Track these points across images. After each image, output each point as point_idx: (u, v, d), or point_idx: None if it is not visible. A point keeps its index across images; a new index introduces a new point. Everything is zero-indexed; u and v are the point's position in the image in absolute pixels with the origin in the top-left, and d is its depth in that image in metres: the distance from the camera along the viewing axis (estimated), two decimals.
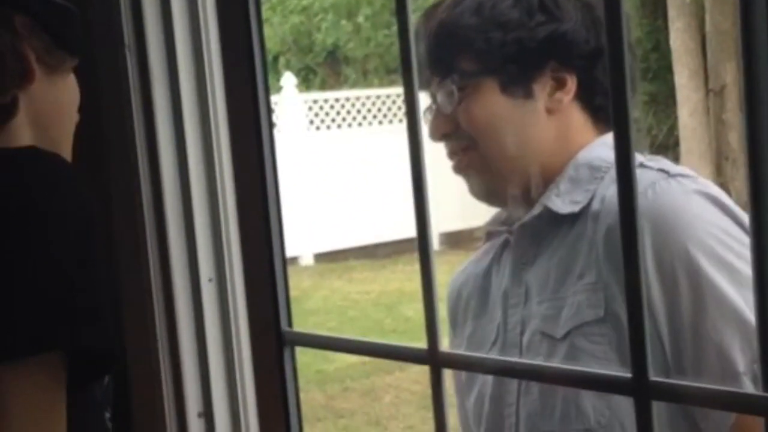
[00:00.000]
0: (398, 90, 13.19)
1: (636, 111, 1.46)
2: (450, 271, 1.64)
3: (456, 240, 10.44)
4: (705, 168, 8.91)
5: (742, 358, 1.27)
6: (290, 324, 1.47)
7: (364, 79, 13.38)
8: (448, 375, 1.29)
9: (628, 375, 1.06)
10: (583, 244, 1.34)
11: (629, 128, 0.93)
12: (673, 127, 10.56)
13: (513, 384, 1.39)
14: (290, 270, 1.55)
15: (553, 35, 1.36)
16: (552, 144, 1.38)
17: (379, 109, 12.01)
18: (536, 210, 1.38)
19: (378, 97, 12.07)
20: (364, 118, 11.75)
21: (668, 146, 9.96)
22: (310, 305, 8.56)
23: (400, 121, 12.52)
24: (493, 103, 1.32)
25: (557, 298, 1.34)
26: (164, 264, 1.62)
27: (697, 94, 10.34)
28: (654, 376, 1.06)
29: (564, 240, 1.37)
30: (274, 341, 1.49)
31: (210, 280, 1.53)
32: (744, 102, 0.81)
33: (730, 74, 9.84)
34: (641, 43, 9.82)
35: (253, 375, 1.56)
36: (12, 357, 1.07)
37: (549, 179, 1.38)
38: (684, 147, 9.88)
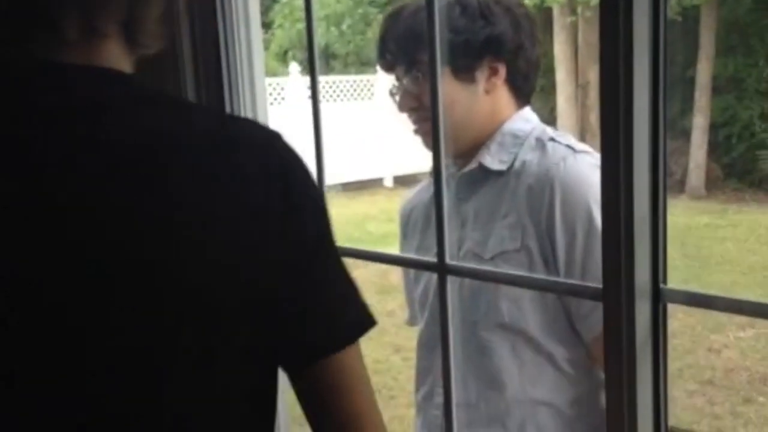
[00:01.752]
0: (368, 77, 13.12)
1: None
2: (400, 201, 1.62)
3: (405, 180, 10.43)
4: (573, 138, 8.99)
5: None
6: None
7: (345, 69, 13.47)
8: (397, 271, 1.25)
9: (435, 260, 1.09)
10: (507, 193, 1.32)
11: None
12: (553, 109, 10.77)
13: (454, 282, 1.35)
14: None
15: (489, 36, 1.33)
16: (486, 116, 1.37)
17: (355, 89, 12.14)
18: (473, 164, 1.36)
19: (355, 81, 12.29)
20: (345, 95, 11.93)
21: (549, 122, 9.95)
22: None
23: (370, 98, 12.50)
24: (449, 86, 1.31)
25: (486, 229, 1.33)
26: None
27: (570, 87, 10.78)
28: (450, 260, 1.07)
29: (491, 188, 1.35)
30: None
31: None
32: (600, 93, 0.80)
33: (592, 74, 10.14)
34: None
35: None
36: (360, 335, 0.84)
37: (481, 142, 1.36)
38: (559, 123, 10.14)
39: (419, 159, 1.64)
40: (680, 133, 10.45)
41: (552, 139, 1.33)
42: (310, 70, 1.22)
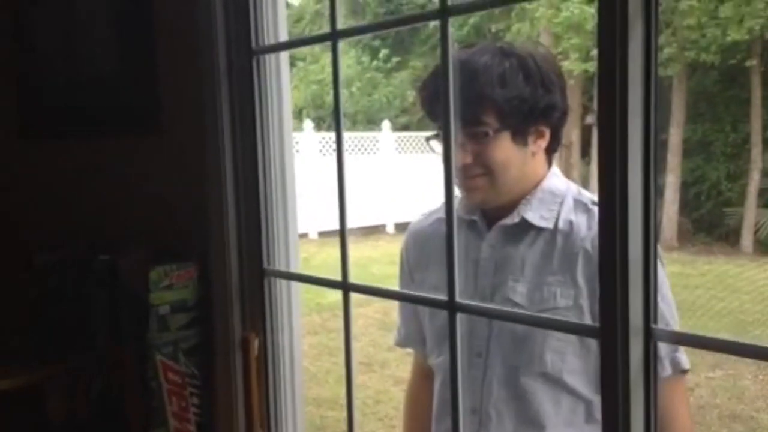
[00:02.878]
0: (373, 133, 13.22)
1: None
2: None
3: (405, 227, 10.43)
4: None
5: (664, 347, 1.23)
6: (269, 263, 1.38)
7: (353, 126, 13.66)
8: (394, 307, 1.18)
9: (445, 298, 1.06)
10: (556, 252, 1.27)
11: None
12: None
13: (484, 324, 1.31)
14: (301, 241, 1.49)
15: (548, 104, 1.28)
16: (529, 175, 1.32)
17: (361, 144, 12.26)
18: (516, 218, 1.31)
19: (361, 137, 12.53)
20: (353, 149, 12.04)
21: None
22: (314, 263, 8.50)
23: (375, 152, 12.59)
24: (506, 148, 1.26)
25: (532, 283, 1.27)
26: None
27: None
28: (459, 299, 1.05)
29: (535, 243, 1.30)
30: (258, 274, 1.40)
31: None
32: (599, 152, 0.81)
33: (574, 136, 10.11)
34: None
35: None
36: None
37: (520, 197, 1.31)
38: None
39: (419, 208, 1.60)
40: None
41: (594, 203, 1.27)
42: (336, 131, 1.22)
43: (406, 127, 14.41)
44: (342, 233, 1.23)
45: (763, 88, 10.69)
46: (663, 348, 1.25)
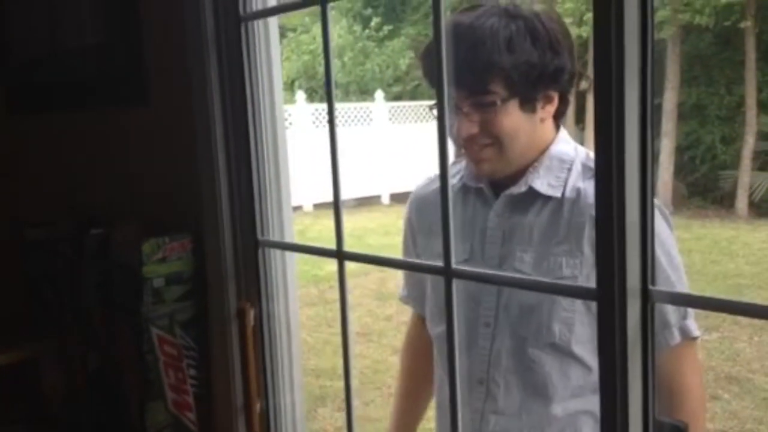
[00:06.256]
0: (367, 104, 13.16)
1: None
2: (397, 219, 1.58)
3: (400, 198, 10.46)
4: None
5: (673, 315, 1.24)
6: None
7: (346, 97, 13.57)
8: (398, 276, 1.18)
9: (441, 264, 1.02)
10: (562, 220, 1.24)
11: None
12: None
13: (492, 294, 1.29)
14: (296, 213, 1.48)
15: (557, 68, 1.23)
16: (538, 142, 1.28)
17: (354, 115, 12.23)
18: (523, 187, 1.28)
19: (354, 108, 12.48)
20: (346, 120, 12.00)
21: None
22: (310, 235, 8.52)
23: (368, 123, 12.56)
24: (515, 117, 1.22)
25: (537, 251, 1.25)
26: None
27: None
28: (455, 264, 1.02)
29: (542, 212, 1.26)
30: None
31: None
32: (595, 116, 0.80)
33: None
34: None
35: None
36: None
37: (527, 165, 1.28)
38: None
39: (414, 178, 1.57)
40: None
41: None
42: (328, 102, 1.19)
43: (399, 97, 14.33)
44: (336, 201, 1.21)
45: (757, 50, 10.64)
46: (672, 316, 1.24)
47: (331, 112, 1.19)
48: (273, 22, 1.35)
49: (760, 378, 4.98)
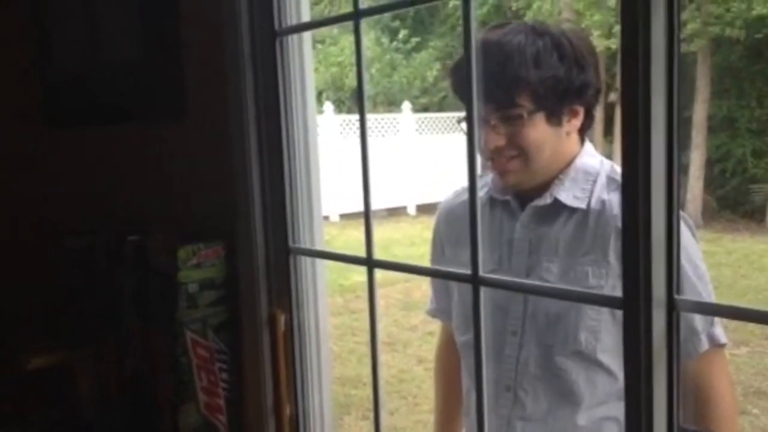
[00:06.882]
0: (394, 115, 13.21)
1: None
2: (423, 230, 1.59)
3: (426, 209, 10.47)
4: None
5: (700, 322, 1.25)
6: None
7: (374, 108, 13.70)
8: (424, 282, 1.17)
9: (469, 272, 1.04)
10: (588, 231, 1.26)
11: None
12: None
13: (519, 303, 1.31)
14: (323, 223, 1.50)
15: (582, 83, 1.26)
16: (563, 155, 1.30)
17: (381, 126, 12.31)
18: (548, 199, 1.30)
19: (381, 119, 12.60)
20: (374, 131, 12.19)
21: None
22: (336, 245, 8.57)
23: (395, 134, 12.60)
24: (541, 130, 1.24)
25: (564, 263, 1.26)
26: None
27: None
28: (482, 273, 1.04)
29: (568, 223, 1.28)
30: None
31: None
32: (622, 129, 0.82)
33: (597, 115, 9.99)
34: None
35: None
36: None
37: (553, 177, 1.30)
38: None
39: (440, 189, 1.59)
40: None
41: None
42: (360, 114, 1.22)
43: (426, 108, 14.37)
44: (366, 210, 1.24)
45: None
46: (699, 323, 1.26)
47: (362, 122, 1.22)
48: (307, 36, 1.38)
49: None
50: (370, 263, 1.22)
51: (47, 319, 1.82)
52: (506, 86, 1.24)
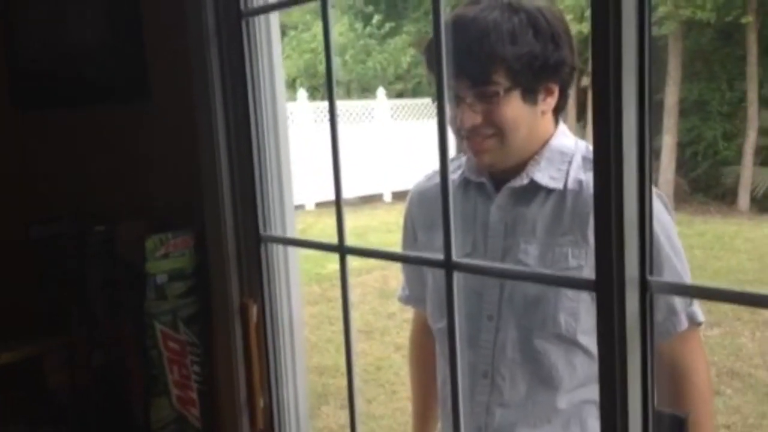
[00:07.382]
0: (368, 102, 13.15)
1: None
2: (399, 217, 1.56)
3: (402, 196, 10.45)
4: None
5: (679, 301, 1.25)
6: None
7: (348, 95, 13.57)
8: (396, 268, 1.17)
9: (442, 257, 1.03)
10: (566, 212, 1.25)
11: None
12: None
13: (495, 287, 1.30)
14: (298, 212, 1.48)
15: (557, 60, 1.25)
16: (538, 134, 1.29)
17: (356, 113, 12.30)
18: (524, 180, 1.29)
19: (357, 106, 12.62)
20: (348, 117, 12.02)
21: None
22: (312, 234, 8.53)
23: (370, 120, 12.55)
24: (517, 108, 1.23)
25: (542, 244, 1.25)
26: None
27: None
28: (456, 258, 1.03)
29: (544, 204, 1.28)
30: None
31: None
32: (593, 110, 0.81)
33: (569, 100, 10.09)
34: None
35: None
36: None
37: (528, 158, 1.29)
38: None
39: (415, 176, 1.57)
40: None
41: None
42: (329, 100, 1.20)
43: (400, 95, 14.32)
44: (337, 196, 1.22)
45: (758, 46, 10.63)
46: (679, 302, 1.26)
47: (332, 107, 1.20)
48: (274, 18, 1.35)
49: (762, 373, 4.99)
50: (342, 250, 1.20)
51: (15, 310, 1.78)
52: (482, 63, 1.23)
